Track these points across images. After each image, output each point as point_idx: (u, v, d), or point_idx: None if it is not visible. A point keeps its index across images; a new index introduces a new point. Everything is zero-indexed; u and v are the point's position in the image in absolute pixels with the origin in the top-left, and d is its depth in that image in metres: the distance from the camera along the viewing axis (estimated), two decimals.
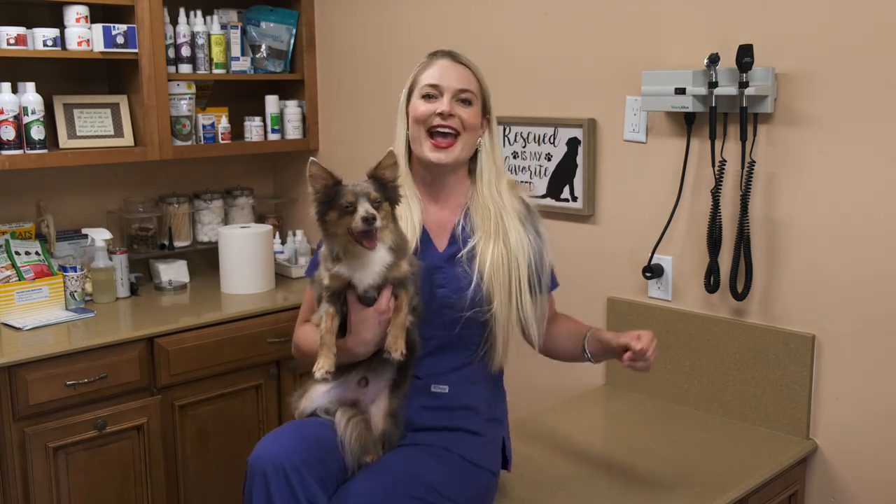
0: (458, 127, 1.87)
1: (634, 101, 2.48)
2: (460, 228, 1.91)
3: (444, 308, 1.84)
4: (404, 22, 3.10)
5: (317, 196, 1.71)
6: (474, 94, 1.90)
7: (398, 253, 1.73)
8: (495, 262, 1.85)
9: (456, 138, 1.87)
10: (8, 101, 2.70)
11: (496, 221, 1.89)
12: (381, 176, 1.72)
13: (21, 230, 2.93)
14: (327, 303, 1.75)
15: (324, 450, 1.70)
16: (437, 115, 1.86)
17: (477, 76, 1.92)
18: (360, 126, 3.33)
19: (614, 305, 2.59)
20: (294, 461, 1.64)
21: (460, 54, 1.94)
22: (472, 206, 1.92)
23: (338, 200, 1.68)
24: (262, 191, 3.65)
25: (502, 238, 1.87)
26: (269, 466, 1.63)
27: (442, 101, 1.87)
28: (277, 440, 1.69)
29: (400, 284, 1.74)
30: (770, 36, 2.20)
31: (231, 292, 3.10)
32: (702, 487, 1.99)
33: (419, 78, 1.92)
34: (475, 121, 1.90)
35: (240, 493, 1.73)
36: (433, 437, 1.84)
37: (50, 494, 2.48)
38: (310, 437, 1.71)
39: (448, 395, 1.87)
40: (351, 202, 1.66)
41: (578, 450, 2.21)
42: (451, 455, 1.82)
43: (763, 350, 2.30)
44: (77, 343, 2.53)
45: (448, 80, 1.88)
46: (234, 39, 3.26)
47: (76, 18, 2.83)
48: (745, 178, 2.25)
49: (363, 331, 1.75)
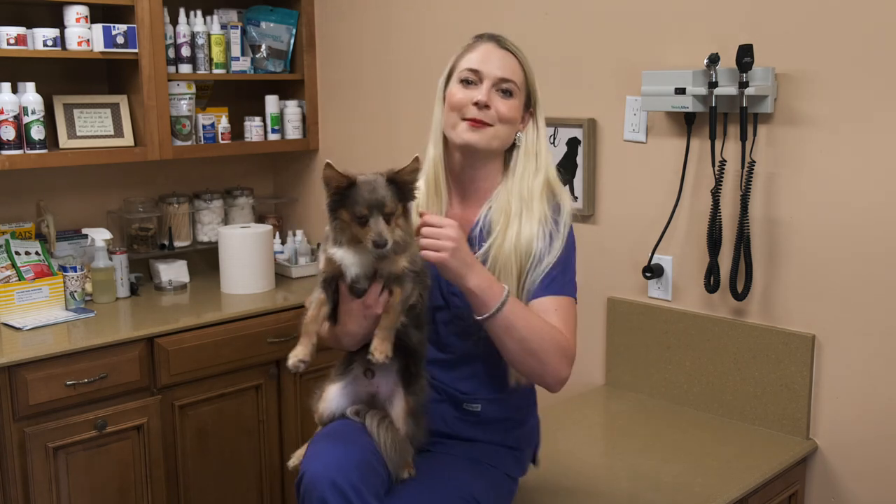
0: (493, 121, 1.74)
1: (634, 101, 2.48)
2: (478, 231, 1.79)
3: (457, 318, 1.78)
4: (404, 22, 3.10)
5: (331, 196, 1.63)
6: (516, 86, 1.77)
7: (399, 247, 1.64)
8: (505, 267, 1.74)
9: (490, 127, 1.75)
10: (8, 101, 2.70)
11: (513, 219, 1.76)
12: (401, 180, 1.63)
13: (21, 230, 2.93)
14: (320, 288, 1.70)
15: (372, 457, 1.63)
16: (473, 104, 1.74)
17: (523, 66, 1.79)
18: (360, 126, 3.33)
19: (614, 305, 2.59)
20: (351, 478, 1.55)
21: (508, 39, 1.80)
22: (495, 204, 1.79)
23: (352, 205, 1.61)
24: (262, 191, 3.65)
25: (514, 238, 1.75)
26: (327, 488, 1.54)
27: (480, 89, 1.74)
28: (327, 456, 1.60)
29: (396, 280, 1.67)
30: (770, 36, 2.20)
31: (231, 292, 3.10)
32: (702, 487, 1.99)
33: (460, 61, 1.79)
34: (513, 114, 1.77)
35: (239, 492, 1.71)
36: (468, 449, 1.81)
37: (50, 494, 2.48)
38: (359, 447, 1.63)
39: (481, 412, 1.81)
40: (364, 215, 1.60)
41: (578, 450, 2.21)
42: (490, 469, 1.79)
43: (763, 350, 2.30)
44: (77, 343, 2.53)
45: (490, 67, 1.75)
46: (234, 39, 3.26)
47: (76, 18, 2.83)
48: (745, 178, 2.25)
49: (348, 322, 1.69)
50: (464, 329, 1.78)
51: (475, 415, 1.82)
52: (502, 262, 1.74)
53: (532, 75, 1.81)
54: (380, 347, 1.63)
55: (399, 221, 1.64)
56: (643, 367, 2.55)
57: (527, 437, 1.90)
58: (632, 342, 2.56)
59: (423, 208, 1.77)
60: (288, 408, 2.99)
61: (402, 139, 3.18)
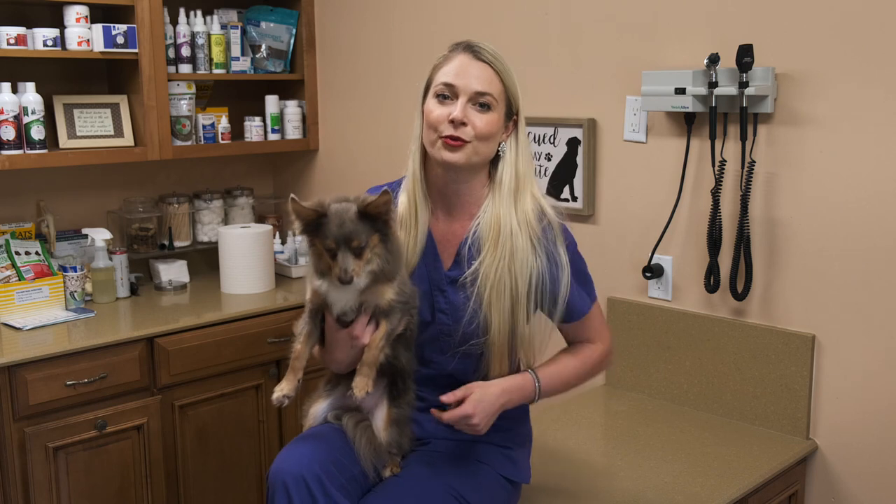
0: (471, 137, 1.68)
1: (634, 101, 2.48)
2: (467, 248, 1.75)
3: (443, 335, 1.78)
4: (404, 22, 3.10)
5: (302, 229, 1.64)
6: (494, 99, 1.69)
7: (381, 277, 1.63)
8: (497, 286, 1.70)
9: (469, 143, 1.69)
10: (8, 101, 2.70)
11: (504, 239, 1.71)
12: (372, 212, 1.61)
13: (21, 230, 2.93)
14: (307, 319, 1.71)
15: (343, 456, 1.68)
16: (449, 121, 1.67)
17: (502, 76, 1.71)
18: (360, 126, 3.33)
19: (614, 305, 2.59)
20: (314, 470, 1.61)
21: (485, 48, 1.71)
22: (483, 219, 1.74)
23: (322, 237, 1.60)
24: (262, 191, 3.65)
25: (508, 259, 1.70)
26: (289, 478, 1.61)
27: (456, 105, 1.68)
28: (294, 452, 1.66)
29: (382, 313, 1.66)
30: (770, 36, 2.20)
31: (231, 292, 3.10)
32: (702, 487, 1.99)
33: (436, 74, 1.73)
34: (491, 129, 1.70)
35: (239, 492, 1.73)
36: (455, 446, 1.81)
37: (50, 494, 2.48)
38: (326, 446, 1.68)
39: None
40: (332, 248, 1.59)
41: (578, 450, 2.21)
42: (480, 466, 1.79)
43: (763, 350, 2.29)
44: (77, 343, 2.53)
45: (465, 80, 1.68)
46: (234, 39, 3.26)
47: (76, 18, 2.83)
48: (745, 178, 2.25)
49: (335, 350, 1.71)
50: (448, 345, 1.78)
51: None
52: (493, 282, 1.71)
53: (512, 83, 1.73)
54: (360, 384, 1.64)
55: (377, 250, 1.62)
56: (643, 367, 2.55)
57: (519, 438, 1.89)
58: (632, 342, 2.56)
59: (405, 223, 1.77)
60: (288, 408, 2.98)
61: (402, 139, 3.17)
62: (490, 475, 1.80)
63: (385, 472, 1.73)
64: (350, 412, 1.76)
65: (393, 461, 1.74)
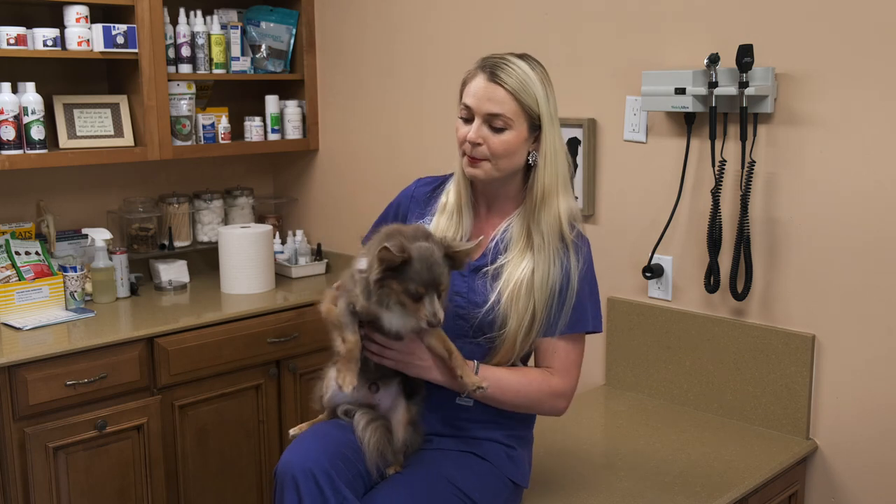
0: (487, 156, 1.75)
1: (634, 101, 2.48)
2: (495, 243, 1.82)
3: (458, 318, 1.80)
4: (404, 22, 3.10)
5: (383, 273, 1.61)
6: (509, 119, 1.73)
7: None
8: (518, 287, 1.75)
9: (487, 162, 1.76)
10: (8, 101, 2.70)
11: (527, 250, 1.78)
12: (459, 259, 1.66)
13: (21, 230, 2.93)
14: (347, 313, 1.70)
15: (350, 452, 1.71)
16: (468, 142, 1.76)
17: (517, 97, 1.72)
18: (360, 126, 3.33)
19: (614, 305, 2.59)
20: (322, 464, 1.64)
21: (504, 68, 1.74)
22: (515, 222, 1.82)
23: (405, 280, 1.60)
24: (262, 191, 3.65)
25: (528, 273, 1.76)
26: (298, 472, 1.63)
27: (471, 127, 1.75)
28: (302, 447, 1.69)
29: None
30: (770, 36, 2.20)
31: (231, 292, 3.10)
32: (702, 487, 1.99)
33: (463, 90, 1.80)
34: (507, 148, 1.74)
35: (239, 492, 1.73)
36: (459, 442, 1.83)
37: (50, 494, 2.48)
38: (334, 441, 1.71)
39: (473, 406, 1.82)
40: (420, 293, 1.60)
41: (578, 450, 2.21)
42: (481, 462, 1.81)
43: (763, 350, 2.30)
44: (77, 343, 2.53)
45: (479, 103, 1.74)
46: (234, 39, 3.26)
47: (76, 18, 2.83)
48: (745, 178, 2.25)
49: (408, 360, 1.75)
50: (461, 331, 1.80)
51: (467, 410, 1.84)
52: (511, 289, 1.76)
53: (531, 99, 1.74)
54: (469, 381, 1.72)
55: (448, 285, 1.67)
56: (643, 367, 2.55)
57: (522, 440, 1.90)
58: (632, 342, 2.56)
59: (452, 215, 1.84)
60: (288, 408, 2.99)
61: (402, 139, 3.18)
62: (492, 472, 1.81)
63: (389, 470, 1.75)
64: (363, 408, 1.78)
65: (397, 459, 1.76)
